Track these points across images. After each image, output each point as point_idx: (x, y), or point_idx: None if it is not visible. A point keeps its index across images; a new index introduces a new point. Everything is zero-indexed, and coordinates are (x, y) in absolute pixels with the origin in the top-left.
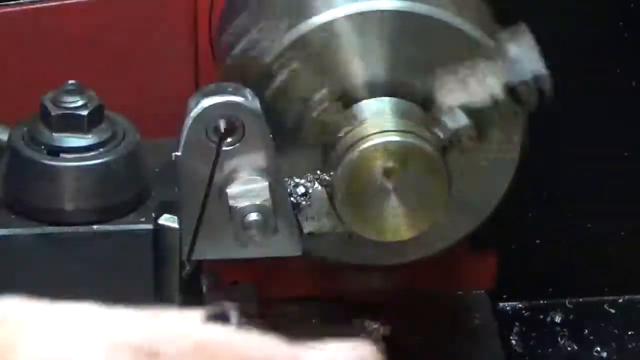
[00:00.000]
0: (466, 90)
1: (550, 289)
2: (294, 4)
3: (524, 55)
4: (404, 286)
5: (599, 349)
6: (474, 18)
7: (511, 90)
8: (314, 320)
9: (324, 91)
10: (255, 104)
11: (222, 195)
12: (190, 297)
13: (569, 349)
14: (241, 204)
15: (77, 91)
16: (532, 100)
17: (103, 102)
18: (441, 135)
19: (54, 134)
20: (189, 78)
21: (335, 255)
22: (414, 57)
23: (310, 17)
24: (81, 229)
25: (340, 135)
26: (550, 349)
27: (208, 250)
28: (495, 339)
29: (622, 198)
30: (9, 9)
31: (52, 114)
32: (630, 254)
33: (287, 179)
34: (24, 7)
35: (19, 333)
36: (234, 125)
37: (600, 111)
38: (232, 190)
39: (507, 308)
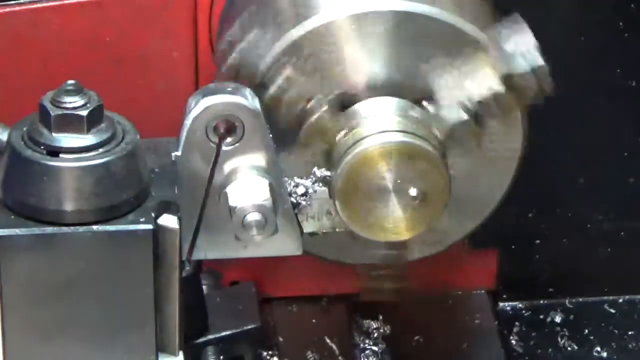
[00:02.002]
0: (464, 85)
1: (550, 289)
2: (286, 9)
3: (521, 48)
4: (404, 286)
5: (599, 349)
6: (475, 18)
7: (509, 83)
8: (314, 320)
9: (319, 96)
10: (255, 104)
11: (222, 195)
12: (190, 297)
13: (569, 349)
14: (241, 204)
15: (77, 91)
16: (531, 92)
17: (103, 102)
18: (439, 135)
19: (53, 134)
20: (189, 78)
21: (336, 255)
22: (414, 57)
23: (301, 21)
24: (81, 229)
25: (338, 137)
26: (550, 349)
27: (208, 250)
28: (495, 339)
29: (622, 198)
30: (8, 9)
31: (52, 114)
32: (630, 254)
33: (287, 179)
34: (24, 7)
35: None
36: (234, 125)
37: (601, 111)
38: (232, 190)
39: (507, 308)
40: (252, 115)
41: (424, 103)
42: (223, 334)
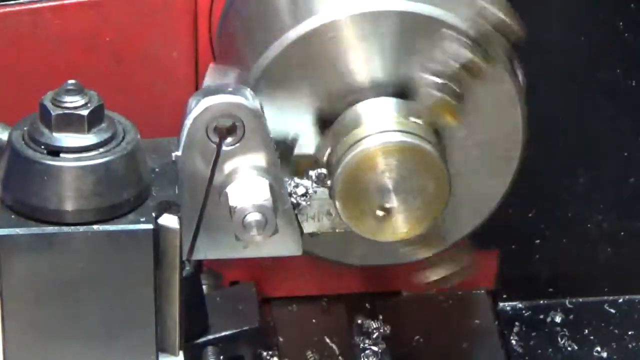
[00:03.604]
0: (432, 65)
1: (550, 289)
2: (284, 11)
3: (483, 4)
4: (404, 286)
5: (599, 349)
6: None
7: (478, 44)
8: (314, 320)
9: (292, 135)
10: (255, 104)
11: (222, 195)
12: (190, 297)
13: (569, 349)
14: (241, 204)
15: (77, 91)
16: (501, 44)
17: (103, 101)
18: (420, 121)
19: (54, 133)
20: (189, 78)
21: (336, 256)
22: (415, 58)
23: (299, 22)
24: (81, 229)
25: (325, 156)
26: (550, 349)
27: (208, 250)
28: (495, 339)
29: (622, 198)
30: (8, 9)
31: (52, 113)
32: (630, 254)
33: (287, 179)
34: (24, 7)
35: None
36: (234, 125)
37: (601, 111)
38: (232, 190)
39: (507, 308)
40: (252, 115)
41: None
42: (223, 334)
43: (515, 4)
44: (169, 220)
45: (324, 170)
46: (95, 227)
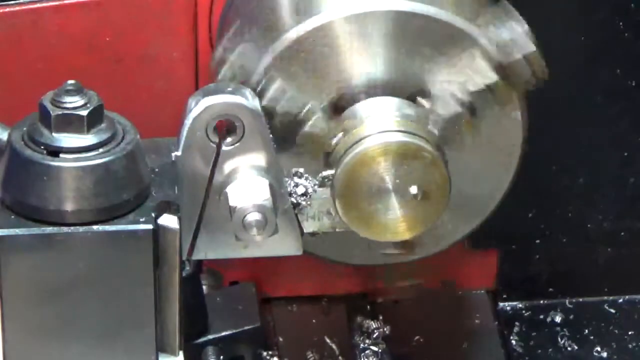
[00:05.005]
0: (457, 78)
1: (550, 289)
2: (281, 12)
3: (512, 34)
4: (404, 286)
5: (599, 349)
6: (475, 17)
7: (503, 71)
8: (314, 320)
9: (312, 103)
10: (255, 104)
11: (222, 195)
12: (190, 297)
13: (569, 349)
14: (241, 204)
15: (77, 91)
16: (525, 78)
17: (103, 102)
18: (435, 130)
19: (53, 134)
20: (189, 78)
21: (336, 255)
22: (414, 57)
23: (297, 23)
24: (81, 229)
25: (334, 141)
26: (550, 349)
27: (208, 250)
28: (495, 339)
29: (622, 198)
30: (8, 9)
31: (52, 114)
32: (630, 254)
33: (287, 179)
34: (24, 7)
35: None
36: (234, 125)
37: (601, 111)
38: (232, 190)
39: (507, 308)
40: (252, 115)
41: (418, 99)
42: (223, 334)
43: (515, 4)
44: (168, 220)
45: (300, 169)
46: (95, 227)
